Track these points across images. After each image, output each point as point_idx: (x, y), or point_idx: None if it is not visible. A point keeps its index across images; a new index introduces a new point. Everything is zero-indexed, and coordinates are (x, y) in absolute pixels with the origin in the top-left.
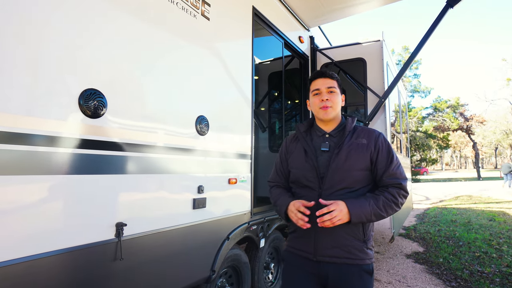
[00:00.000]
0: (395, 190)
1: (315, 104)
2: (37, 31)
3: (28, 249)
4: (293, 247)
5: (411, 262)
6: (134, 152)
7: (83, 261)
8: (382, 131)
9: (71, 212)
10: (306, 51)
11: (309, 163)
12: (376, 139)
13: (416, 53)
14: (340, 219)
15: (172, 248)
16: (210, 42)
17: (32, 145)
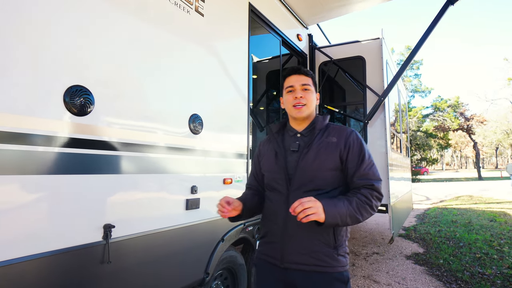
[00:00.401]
0: (368, 192)
1: (288, 101)
2: (17, 24)
3: (9, 252)
4: (262, 253)
5: (411, 263)
6: (123, 151)
7: (69, 265)
8: (381, 131)
9: (56, 214)
10: (304, 49)
11: (278, 164)
12: (347, 137)
13: (416, 51)
14: (315, 213)
15: (163, 250)
16: (204, 38)
17: (13, 143)
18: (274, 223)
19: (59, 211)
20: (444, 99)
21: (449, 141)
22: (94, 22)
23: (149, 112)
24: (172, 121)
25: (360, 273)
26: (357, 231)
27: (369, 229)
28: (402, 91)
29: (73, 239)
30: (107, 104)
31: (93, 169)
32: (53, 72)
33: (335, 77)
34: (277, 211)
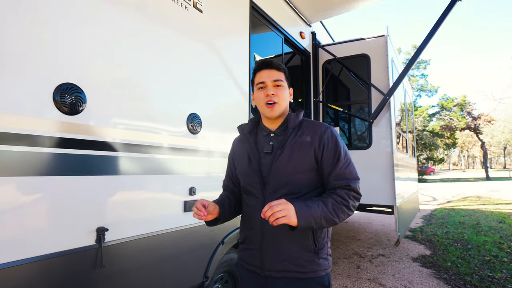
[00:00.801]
0: (344, 192)
1: (260, 99)
2: (2, 19)
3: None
4: (241, 260)
5: (418, 266)
6: (117, 151)
7: (60, 269)
8: (387, 130)
9: (45, 217)
10: (307, 47)
11: (251, 167)
12: (322, 134)
13: (422, 48)
14: (286, 215)
15: (160, 254)
16: (203, 35)
17: (2, 144)
18: (251, 228)
19: (49, 214)
20: (450, 98)
21: (456, 141)
22: (88, 17)
23: (145, 111)
24: (169, 120)
25: (366, 275)
26: (362, 232)
27: (375, 230)
28: (408, 90)
29: (65, 242)
30: (100, 103)
31: (85, 170)
32: (42, 69)
33: (339, 76)
34: (253, 217)
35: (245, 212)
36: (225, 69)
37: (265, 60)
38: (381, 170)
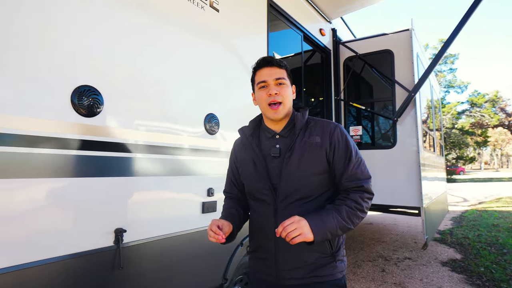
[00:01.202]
0: (358, 195)
1: (262, 99)
2: (23, 23)
3: (20, 256)
4: (254, 269)
5: (447, 271)
6: (135, 153)
7: (79, 270)
8: (412, 129)
9: (64, 218)
10: (328, 44)
11: (258, 173)
12: (331, 134)
13: (450, 42)
14: (301, 234)
15: (178, 255)
16: (220, 35)
17: (20, 146)
18: (264, 238)
19: (69, 215)
20: (481, 94)
21: (487, 139)
22: (105, 20)
23: (162, 112)
24: (186, 121)
25: (391, 279)
26: (387, 234)
27: (401, 232)
28: (435, 86)
29: (83, 244)
30: (117, 105)
31: (102, 172)
32: (60, 72)
33: (361, 73)
34: (266, 225)
35: (255, 220)
36: (243, 69)
37: (266, 58)
38: (406, 170)
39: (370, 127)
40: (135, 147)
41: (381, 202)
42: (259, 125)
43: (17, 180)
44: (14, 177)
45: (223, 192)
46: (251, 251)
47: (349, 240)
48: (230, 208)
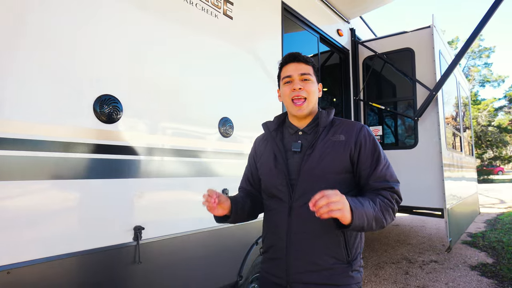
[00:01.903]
0: (389, 193)
1: (286, 94)
2: (50, 37)
3: (50, 250)
4: (265, 271)
5: (476, 275)
6: (152, 155)
7: (103, 263)
8: (434, 128)
9: (88, 215)
10: (346, 44)
11: (278, 168)
12: (357, 134)
13: (474, 37)
14: (341, 209)
15: (194, 252)
16: (233, 41)
17: (49, 151)
18: (277, 236)
19: (93, 213)
20: None
21: None
22: (124, 33)
23: (177, 117)
24: (201, 125)
25: (414, 282)
26: (414, 236)
27: (428, 234)
28: (462, 82)
29: (107, 239)
30: (135, 111)
31: (122, 174)
32: (83, 83)
33: (381, 72)
34: (279, 223)
35: (268, 218)
36: (256, 73)
37: (292, 53)
38: (428, 170)
39: (391, 127)
40: (152, 150)
41: (402, 203)
42: (283, 121)
43: (49, 181)
44: (46, 179)
45: (238, 188)
46: (263, 251)
47: (373, 242)
48: (237, 195)
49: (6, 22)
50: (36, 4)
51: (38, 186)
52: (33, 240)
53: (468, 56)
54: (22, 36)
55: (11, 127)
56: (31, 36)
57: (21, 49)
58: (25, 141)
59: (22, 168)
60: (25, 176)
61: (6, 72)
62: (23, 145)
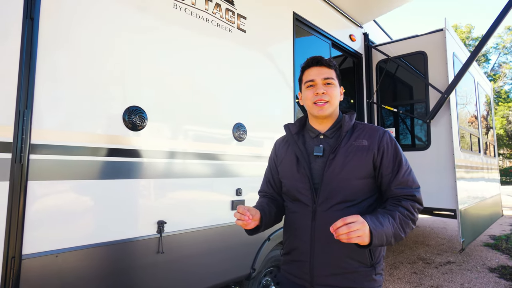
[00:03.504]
0: (409, 203)
1: (308, 98)
2: (87, 57)
3: (89, 239)
4: (287, 272)
5: (495, 277)
6: (173, 158)
7: (130, 252)
8: (447, 130)
9: (120, 210)
10: (359, 49)
11: (301, 172)
12: (380, 139)
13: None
14: (360, 236)
15: (210, 245)
16: (247, 53)
17: (88, 156)
18: (300, 239)
19: (123, 209)
20: None
21: None
22: (151, 52)
23: (196, 124)
24: (217, 131)
25: (428, 282)
26: (433, 237)
27: (448, 236)
28: (482, 82)
29: (133, 232)
30: (159, 120)
31: (147, 174)
32: (114, 96)
33: (395, 75)
34: (302, 226)
35: (291, 221)
36: (268, 81)
37: (315, 57)
38: (441, 172)
39: (404, 129)
40: (173, 154)
41: None
42: (304, 125)
43: (89, 181)
44: (86, 179)
45: (258, 192)
46: (284, 253)
47: None
48: (261, 203)
49: (53, 44)
50: (72, 27)
51: (79, 185)
52: (76, 230)
53: (498, 52)
54: (62, 56)
55: (57, 136)
56: (69, 56)
57: (61, 68)
58: (66, 147)
59: (65, 169)
60: (70, 176)
61: (47, 88)
62: (65, 150)
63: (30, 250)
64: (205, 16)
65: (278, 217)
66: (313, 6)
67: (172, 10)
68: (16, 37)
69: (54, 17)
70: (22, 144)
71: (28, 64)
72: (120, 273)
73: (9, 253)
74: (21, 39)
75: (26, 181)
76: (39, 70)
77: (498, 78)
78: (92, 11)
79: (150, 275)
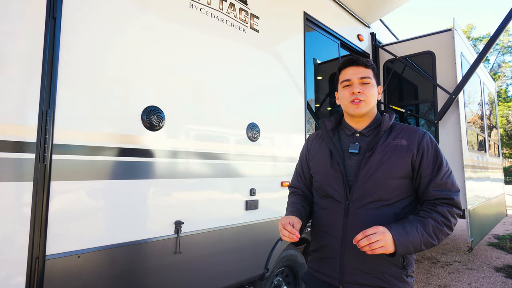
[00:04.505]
0: (446, 209)
1: (344, 97)
2: (107, 61)
3: (109, 240)
4: (315, 269)
5: (501, 277)
6: (190, 158)
7: (149, 252)
8: (455, 130)
9: (140, 211)
10: (366, 49)
11: (334, 168)
12: (420, 139)
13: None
14: (383, 246)
15: (226, 245)
16: (260, 52)
17: (108, 156)
18: (331, 236)
19: (141, 209)
20: None
21: None
22: (166, 55)
23: (212, 124)
24: (232, 131)
25: (436, 281)
26: None
27: (453, 236)
28: (487, 82)
29: (152, 232)
30: (176, 120)
31: (164, 175)
32: (133, 96)
33: (402, 75)
34: (334, 223)
35: (321, 218)
36: (280, 80)
37: (352, 57)
38: None
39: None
40: (190, 154)
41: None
42: (339, 122)
43: (106, 182)
44: (102, 179)
45: (289, 187)
46: (312, 250)
47: None
48: (296, 203)
49: (75, 44)
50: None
51: (99, 186)
52: (96, 231)
53: (497, 52)
54: (83, 56)
55: (78, 136)
56: (90, 56)
57: (83, 68)
58: (87, 148)
59: (86, 169)
60: (90, 176)
61: (69, 87)
62: (86, 150)
63: (53, 251)
64: (220, 15)
65: (310, 215)
66: (323, 5)
67: (188, 10)
68: (39, 37)
69: (76, 17)
70: (45, 144)
71: (50, 63)
72: (138, 273)
73: (33, 253)
74: (44, 39)
75: (49, 181)
76: (61, 70)
77: (498, 78)
78: (112, 11)
79: (168, 275)
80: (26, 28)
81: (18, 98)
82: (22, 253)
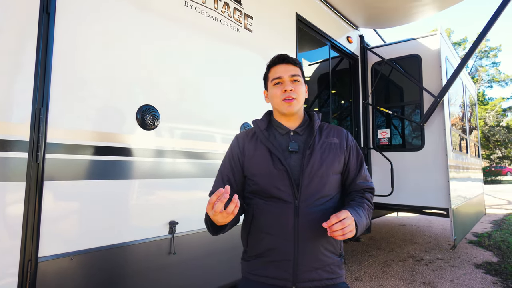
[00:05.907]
0: (370, 196)
1: (276, 95)
2: (102, 59)
3: (102, 241)
4: (258, 275)
5: (481, 273)
6: (184, 158)
7: (143, 253)
8: (440, 132)
9: (134, 211)
10: (355, 51)
11: (278, 168)
12: (346, 137)
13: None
14: (351, 230)
15: (221, 245)
16: (253, 52)
17: (100, 155)
18: (282, 238)
19: (135, 209)
20: None
21: None
22: (161, 54)
23: (206, 124)
24: (225, 130)
25: (420, 279)
26: (420, 235)
27: (435, 234)
28: (468, 85)
29: (146, 232)
30: (170, 119)
31: (159, 175)
32: (128, 95)
33: (389, 77)
34: (284, 224)
35: (264, 220)
36: None
37: (281, 55)
38: (434, 172)
39: (398, 130)
40: (184, 153)
41: (409, 203)
42: (270, 121)
43: (97, 181)
44: (95, 179)
45: (209, 194)
46: (254, 255)
47: (380, 241)
48: None
49: (69, 40)
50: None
51: (92, 186)
52: (90, 232)
53: (475, 56)
54: (78, 53)
55: (72, 135)
56: (85, 53)
57: (77, 65)
58: (80, 147)
59: (79, 169)
60: (83, 176)
61: (63, 85)
62: (79, 150)
63: (46, 253)
64: (215, 15)
65: (238, 220)
66: (314, 7)
67: (183, 9)
68: (33, 33)
69: (70, 13)
70: (38, 143)
71: (44, 60)
72: (133, 275)
73: (25, 256)
74: (37, 35)
75: (42, 181)
76: (55, 67)
77: (476, 82)
78: (106, 9)
79: (162, 276)
80: (19, 23)
81: (10, 95)
82: (14, 255)
